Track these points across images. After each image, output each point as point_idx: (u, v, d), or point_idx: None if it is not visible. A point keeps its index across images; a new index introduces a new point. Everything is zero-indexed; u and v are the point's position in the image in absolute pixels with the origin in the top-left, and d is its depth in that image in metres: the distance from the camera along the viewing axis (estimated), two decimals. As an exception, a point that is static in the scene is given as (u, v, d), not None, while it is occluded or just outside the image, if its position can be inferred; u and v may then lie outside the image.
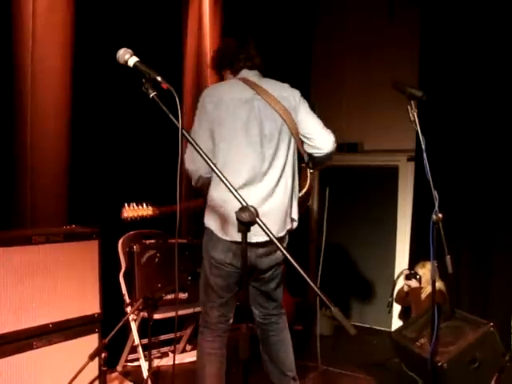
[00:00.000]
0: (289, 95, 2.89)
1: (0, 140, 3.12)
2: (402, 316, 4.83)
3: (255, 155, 2.74)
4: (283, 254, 1.48)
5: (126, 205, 2.96)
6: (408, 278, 4.11)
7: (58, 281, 2.73)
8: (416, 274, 4.07)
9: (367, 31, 5.21)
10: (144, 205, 3.03)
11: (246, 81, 2.82)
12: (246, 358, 1.56)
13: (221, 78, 3.06)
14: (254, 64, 2.91)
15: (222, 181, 1.69)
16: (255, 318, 3.08)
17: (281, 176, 2.81)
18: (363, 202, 5.32)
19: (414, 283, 4.08)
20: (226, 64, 2.94)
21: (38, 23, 3.20)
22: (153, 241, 3.51)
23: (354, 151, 5.30)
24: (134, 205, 3.02)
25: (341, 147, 5.36)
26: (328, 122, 5.43)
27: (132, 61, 1.84)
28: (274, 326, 3.08)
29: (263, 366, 3.08)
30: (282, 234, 2.82)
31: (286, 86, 2.94)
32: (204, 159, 1.73)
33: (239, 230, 1.53)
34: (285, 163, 2.82)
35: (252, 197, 2.65)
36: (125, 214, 2.94)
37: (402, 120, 4.72)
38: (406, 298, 4.27)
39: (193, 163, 2.69)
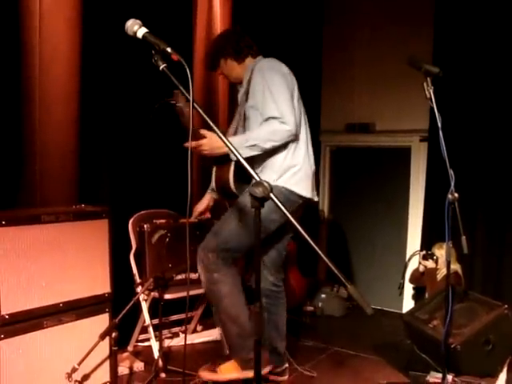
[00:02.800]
0: None
1: (8, 124, 3.10)
2: (414, 297, 4.80)
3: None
4: (299, 232, 1.43)
5: None
6: (425, 258, 4.08)
7: (68, 260, 2.71)
8: (433, 254, 4.04)
9: (379, 8, 5.10)
10: None
11: None
12: (260, 338, 1.52)
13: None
14: (255, 51, 3.19)
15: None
16: (265, 287, 3.17)
17: None
18: (375, 183, 5.26)
19: (430, 264, 4.05)
20: (229, 53, 3.14)
21: (45, 4, 3.15)
22: (163, 220, 3.48)
23: (366, 132, 5.23)
24: None
25: (352, 128, 5.32)
26: (339, 102, 5.42)
27: (141, 32, 1.80)
28: (281, 293, 3.29)
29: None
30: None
31: None
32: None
33: (252, 206, 1.49)
34: None
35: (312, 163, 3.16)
36: None
37: (414, 100, 4.71)
38: (421, 279, 4.23)
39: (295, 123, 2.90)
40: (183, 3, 4.11)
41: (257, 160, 2.98)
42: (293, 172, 3.01)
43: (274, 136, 2.87)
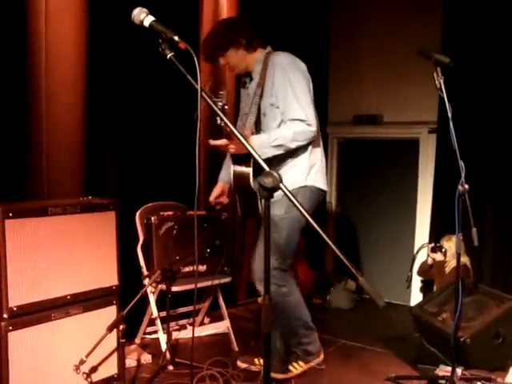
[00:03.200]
0: None
1: (14, 114, 3.09)
2: (422, 290, 4.77)
3: None
4: (312, 225, 1.40)
5: None
6: (433, 250, 4.05)
7: (76, 252, 2.70)
8: (441, 247, 4.01)
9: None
10: None
11: None
12: (269, 331, 1.50)
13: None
14: (263, 42, 3.16)
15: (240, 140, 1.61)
16: None
17: None
18: (383, 176, 5.23)
19: (438, 256, 4.02)
20: (241, 43, 3.06)
21: (51, 3, 3.13)
22: (171, 212, 3.45)
23: (374, 123, 5.19)
24: None
25: (360, 119, 5.28)
26: (347, 93, 5.38)
27: (148, 20, 1.77)
28: None
29: None
30: None
31: None
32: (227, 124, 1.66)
33: (261, 197, 1.46)
34: None
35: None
36: None
37: (423, 91, 4.66)
38: (429, 271, 4.20)
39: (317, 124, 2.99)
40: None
41: (277, 160, 3.00)
42: (316, 170, 3.12)
43: (299, 137, 2.92)
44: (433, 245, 4.10)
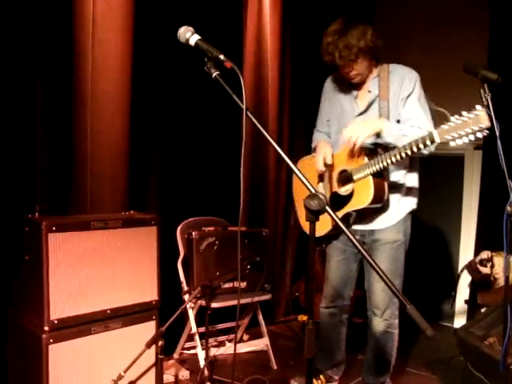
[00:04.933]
0: None
1: (60, 127, 3.14)
2: (467, 311, 4.61)
3: None
4: (356, 247, 1.36)
5: None
6: (481, 263, 3.90)
7: (116, 267, 2.71)
8: (490, 260, 3.86)
9: (433, 11, 4.98)
10: None
11: None
12: (311, 357, 1.46)
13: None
14: None
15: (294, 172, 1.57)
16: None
17: None
18: (427, 192, 5.08)
19: (486, 270, 3.87)
20: (374, 52, 2.92)
21: (98, 7, 3.18)
22: (212, 228, 3.44)
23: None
24: None
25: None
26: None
27: (193, 39, 1.77)
28: None
29: None
30: None
31: None
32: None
33: (307, 219, 1.43)
34: None
35: None
36: None
37: (468, 107, 4.53)
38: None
39: None
40: (234, 5, 4.11)
41: (397, 183, 3.08)
42: None
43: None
44: (482, 256, 3.93)
